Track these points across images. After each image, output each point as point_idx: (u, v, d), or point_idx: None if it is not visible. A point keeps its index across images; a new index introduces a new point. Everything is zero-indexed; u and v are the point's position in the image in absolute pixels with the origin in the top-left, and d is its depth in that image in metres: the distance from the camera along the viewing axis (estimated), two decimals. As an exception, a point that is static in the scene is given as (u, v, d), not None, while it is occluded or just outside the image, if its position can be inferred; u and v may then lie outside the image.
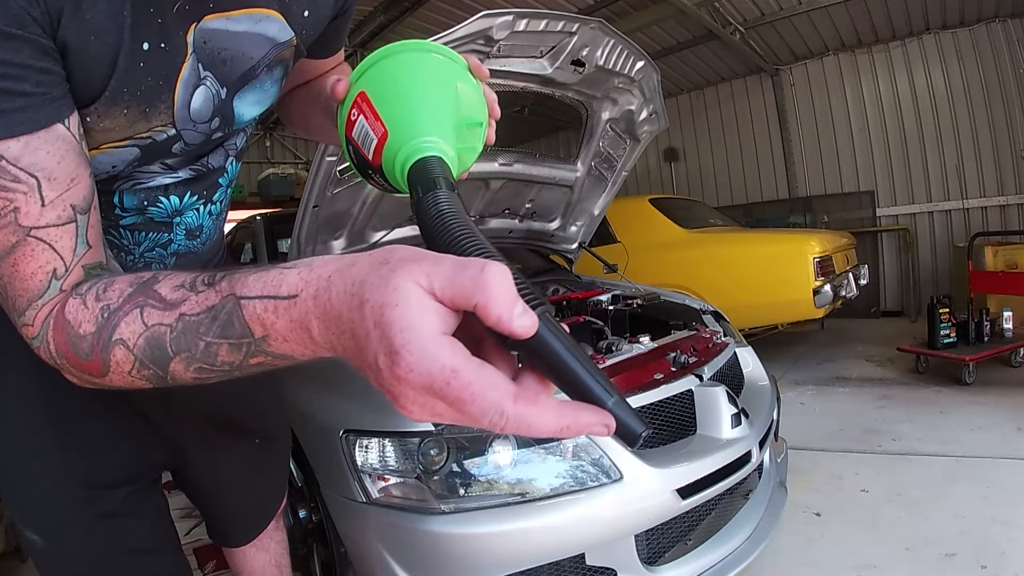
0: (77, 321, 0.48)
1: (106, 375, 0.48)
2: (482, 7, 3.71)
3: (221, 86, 0.61)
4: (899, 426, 2.88)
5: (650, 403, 1.54)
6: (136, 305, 0.46)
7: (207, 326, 0.43)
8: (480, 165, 2.17)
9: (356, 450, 1.38)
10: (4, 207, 0.47)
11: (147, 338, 0.45)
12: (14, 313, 0.51)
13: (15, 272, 0.49)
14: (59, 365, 0.51)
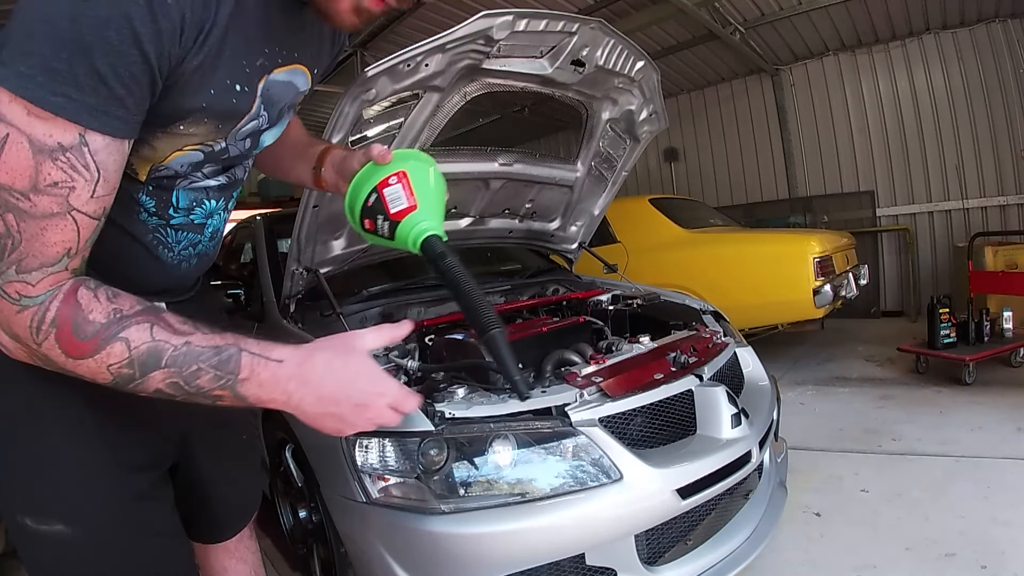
0: (88, 308, 0.59)
1: (86, 357, 0.59)
2: (482, 7, 3.71)
3: (266, 119, 0.81)
4: (899, 426, 2.88)
5: (650, 403, 1.55)
6: (148, 321, 0.61)
7: (207, 357, 0.61)
8: (480, 165, 2.17)
9: (356, 450, 1.38)
10: (65, 182, 0.57)
11: (149, 347, 0.60)
12: (11, 267, 0.57)
13: (40, 235, 0.57)
14: (37, 330, 0.59)
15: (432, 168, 0.82)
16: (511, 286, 2.59)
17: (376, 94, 1.60)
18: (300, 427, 1.62)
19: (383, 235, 0.80)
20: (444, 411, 1.35)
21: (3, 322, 0.60)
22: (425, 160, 0.82)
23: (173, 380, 0.61)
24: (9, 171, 0.55)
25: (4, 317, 0.60)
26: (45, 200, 0.56)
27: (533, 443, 1.36)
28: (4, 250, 0.57)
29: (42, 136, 0.55)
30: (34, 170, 0.56)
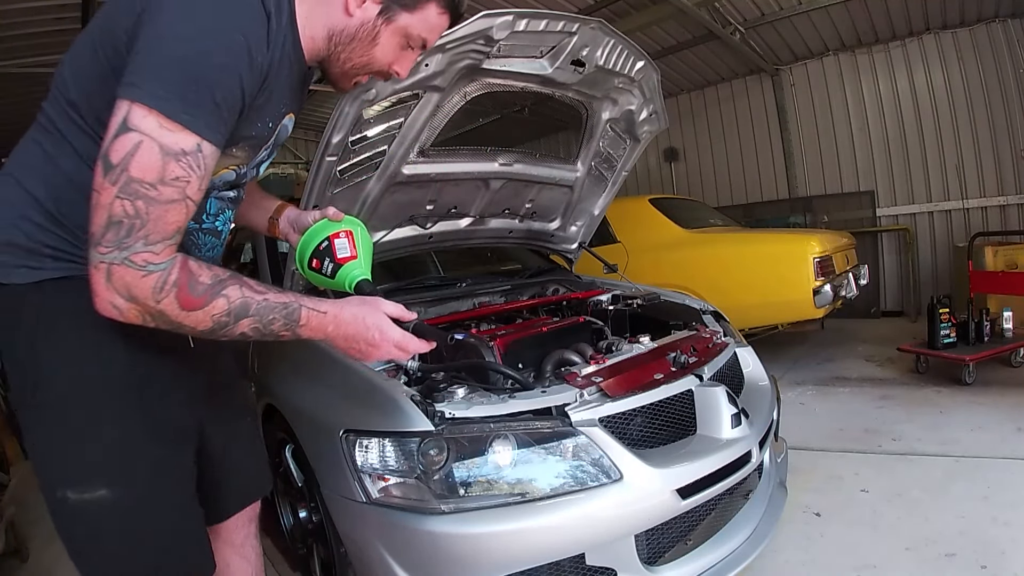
0: (198, 272, 0.82)
1: (197, 310, 0.81)
2: (482, 7, 3.71)
3: (269, 151, 1.05)
4: (899, 426, 2.88)
5: (650, 403, 1.55)
6: (237, 282, 0.84)
7: (279, 310, 0.86)
8: (480, 165, 2.17)
9: (356, 450, 1.38)
10: (183, 176, 0.78)
11: (241, 300, 0.83)
12: (139, 240, 0.76)
13: (163, 216, 0.77)
14: (160, 290, 0.78)
15: (367, 234, 1.12)
16: (511, 286, 2.59)
17: (376, 94, 1.60)
18: (300, 427, 1.62)
19: (325, 274, 1.05)
20: (444, 411, 1.35)
21: (125, 287, 0.77)
22: (365, 229, 1.12)
23: (255, 325, 0.85)
24: (140, 168, 0.74)
25: (127, 282, 0.77)
26: (168, 190, 0.77)
27: (533, 443, 1.36)
28: (133, 228, 0.75)
29: (170, 143, 0.75)
30: (161, 167, 0.76)
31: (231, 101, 0.80)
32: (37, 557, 2.37)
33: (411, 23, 0.95)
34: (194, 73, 0.75)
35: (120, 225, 0.75)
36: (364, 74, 1.01)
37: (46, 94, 0.90)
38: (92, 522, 0.89)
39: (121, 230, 0.75)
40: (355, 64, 0.98)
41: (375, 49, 0.96)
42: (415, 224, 2.27)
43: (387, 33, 0.95)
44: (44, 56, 4.04)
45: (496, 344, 1.70)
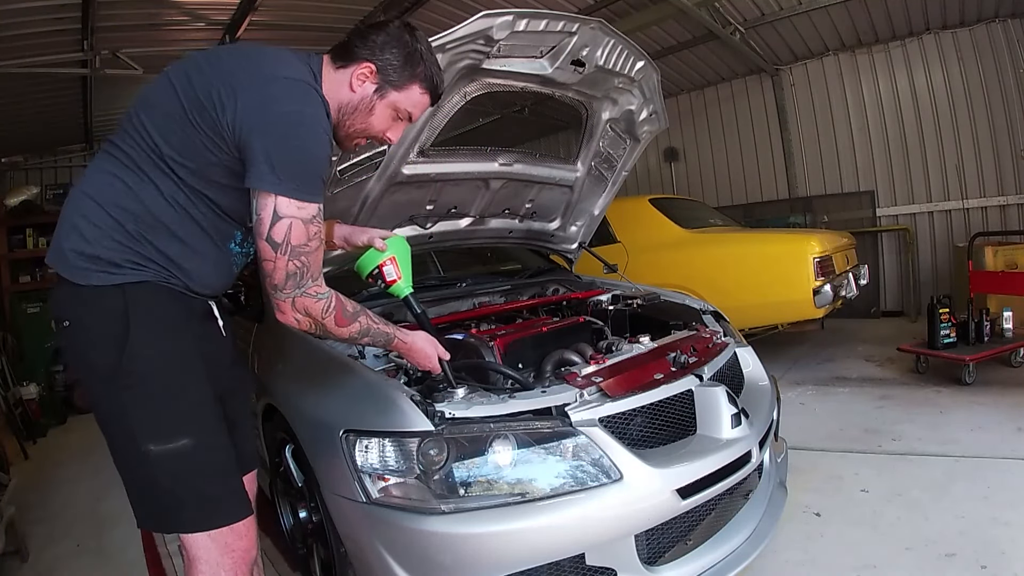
0: (346, 303, 1.25)
1: (344, 327, 1.25)
2: (482, 7, 3.70)
3: None
4: (899, 426, 2.88)
5: (650, 403, 1.54)
6: (365, 314, 1.30)
7: (384, 336, 1.35)
8: (480, 165, 2.17)
9: (356, 450, 1.38)
10: (318, 232, 1.14)
11: (367, 326, 1.30)
12: (310, 279, 1.16)
13: (316, 258, 1.16)
14: (325, 311, 1.20)
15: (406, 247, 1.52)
16: (511, 286, 2.59)
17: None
18: (300, 427, 1.62)
19: (380, 288, 1.51)
20: (444, 411, 1.35)
21: (304, 308, 1.17)
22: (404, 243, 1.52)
23: (368, 341, 1.34)
24: (297, 238, 1.11)
25: (306, 306, 1.17)
26: (314, 243, 1.14)
27: (533, 443, 1.36)
28: (303, 275, 1.14)
29: (306, 216, 1.11)
30: (307, 232, 1.12)
31: (326, 174, 1.17)
32: (37, 557, 2.37)
33: (399, 99, 1.23)
34: (311, 169, 1.11)
35: (295, 276, 1.13)
36: (362, 138, 1.27)
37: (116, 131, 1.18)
38: (171, 467, 1.13)
39: (296, 278, 1.14)
40: (356, 129, 1.25)
41: (371, 118, 1.23)
42: (415, 224, 2.27)
43: (380, 106, 1.23)
44: (44, 56, 4.03)
45: (496, 344, 1.70)
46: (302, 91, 1.11)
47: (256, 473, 1.49)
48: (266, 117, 1.06)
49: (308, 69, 1.16)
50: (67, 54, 4.11)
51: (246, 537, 1.21)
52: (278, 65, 1.13)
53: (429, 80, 1.25)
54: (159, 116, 1.12)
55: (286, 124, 1.07)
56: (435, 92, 1.27)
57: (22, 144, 6.06)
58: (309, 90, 1.12)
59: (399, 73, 1.21)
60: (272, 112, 1.07)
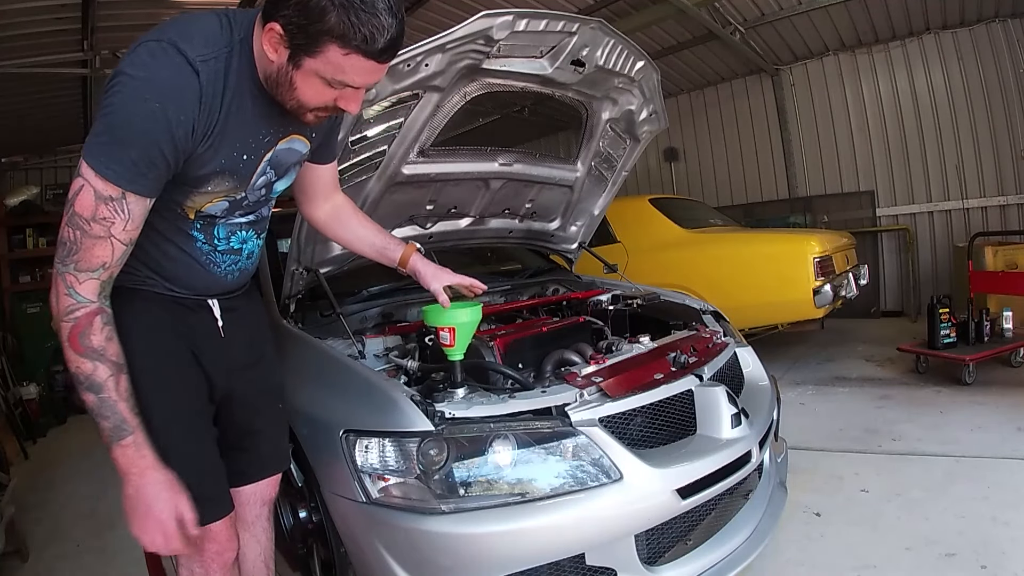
0: (93, 331, 0.97)
1: (72, 352, 0.96)
2: (482, 7, 3.70)
3: (273, 174, 1.19)
4: (899, 426, 2.88)
5: (650, 403, 1.54)
6: (113, 371, 0.98)
7: (117, 418, 0.97)
8: (480, 165, 2.17)
9: (356, 450, 1.38)
10: (109, 218, 0.96)
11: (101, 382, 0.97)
12: (72, 264, 0.96)
13: (90, 249, 0.96)
14: (67, 313, 0.96)
15: (475, 317, 1.41)
16: (511, 286, 2.59)
17: (376, 94, 1.60)
18: (300, 427, 1.62)
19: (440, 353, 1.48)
20: (444, 411, 1.35)
21: (56, 293, 0.97)
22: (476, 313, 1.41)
23: (92, 407, 0.97)
24: (80, 205, 0.94)
25: (57, 290, 0.97)
26: (96, 227, 0.95)
27: (533, 443, 1.36)
28: (71, 252, 0.96)
29: (101, 189, 0.94)
30: (94, 207, 0.94)
31: (151, 160, 0.95)
32: (37, 557, 2.37)
33: (317, 67, 0.95)
34: (118, 140, 0.93)
35: (64, 246, 0.96)
36: (310, 112, 1.04)
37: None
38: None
39: (64, 250, 0.96)
40: (291, 106, 1.03)
41: (297, 92, 1.00)
42: (415, 224, 2.27)
43: (300, 77, 0.98)
44: (44, 56, 4.03)
45: (496, 344, 1.70)
46: (146, 52, 0.93)
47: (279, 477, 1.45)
48: (108, 80, 0.95)
49: (198, 24, 0.99)
50: (67, 54, 4.11)
51: (216, 540, 1.19)
52: (155, 29, 0.97)
53: (350, 34, 0.90)
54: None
55: (114, 86, 0.93)
56: (367, 47, 0.92)
57: (22, 144, 6.05)
58: (156, 49, 0.93)
59: (305, 33, 0.92)
60: (112, 75, 0.94)
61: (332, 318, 1.87)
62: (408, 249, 1.44)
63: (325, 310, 1.97)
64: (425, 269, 1.43)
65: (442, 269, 1.44)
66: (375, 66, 0.96)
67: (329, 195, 1.43)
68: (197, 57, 0.95)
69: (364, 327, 2.05)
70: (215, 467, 1.22)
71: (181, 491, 1.01)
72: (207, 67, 0.96)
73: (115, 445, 0.96)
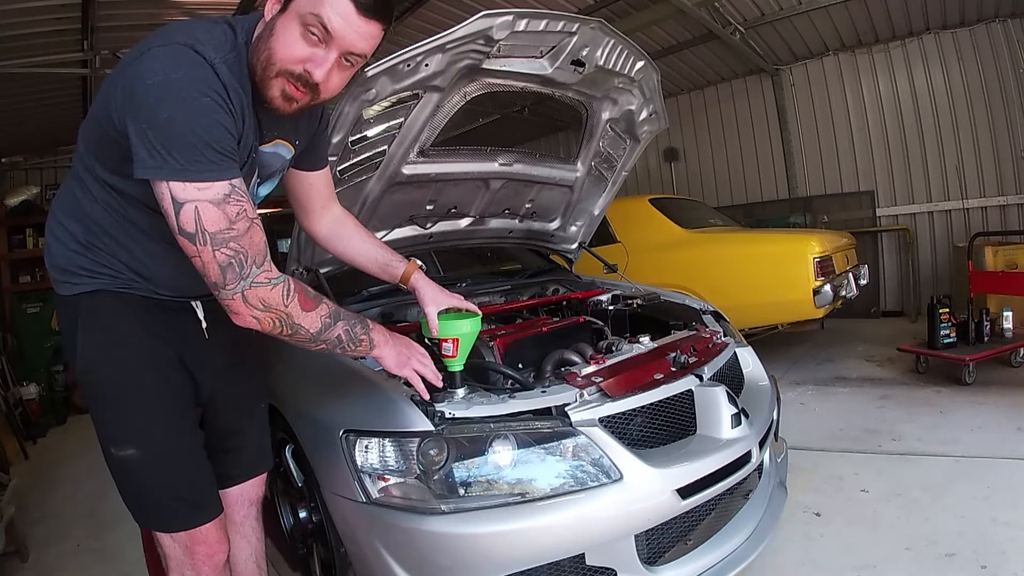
0: (304, 286, 1.09)
1: (312, 311, 1.08)
2: (482, 7, 3.70)
3: (257, 179, 1.20)
4: (899, 426, 2.88)
5: (650, 403, 1.54)
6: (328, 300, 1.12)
7: (357, 319, 1.18)
8: (480, 165, 2.17)
9: (356, 450, 1.38)
10: (241, 208, 0.97)
11: (336, 308, 1.13)
12: (252, 265, 0.99)
13: (252, 241, 0.99)
14: (286, 296, 1.03)
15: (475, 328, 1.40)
16: (511, 286, 2.59)
17: (376, 94, 1.60)
18: (300, 427, 1.62)
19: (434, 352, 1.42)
20: (444, 411, 1.35)
21: (260, 300, 1.00)
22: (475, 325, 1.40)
23: (346, 327, 1.14)
24: (211, 224, 0.95)
25: (261, 296, 1.00)
26: (240, 224, 0.97)
27: (533, 443, 1.36)
28: (244, 264, 0.98)
29: (212, 197, 0.94)
30: (223, 215, 0.95)
31: (225, 144, 0.96)
32: (37, 557, 2.37)
33: (299, 5, 0.96)
34: (192, 142, 0.92)
35: (231, 266, 0.97)
36: (277, 76, 1.00)
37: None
38: (128, 471, 1.16)
39: (234, 268, 0.97)
40: (262, 65, 1.00)
41: (272, 41, 0.98)
42: (415, 224, 2.27)
43: (281, 23, 0.98)
44: (44, 56, 4.03)
45: (496, 344, 1.70)
46: (167, 55, 0.93)
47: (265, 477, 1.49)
48: (131, 97, 0.93)
49: (204, 29, 1.00)
50: (67, 54, 4.11)
51: (205, 543, 1.21)
52: (156, 36, 0.97)
53: None
54: (87, 123, 1.08)
55: (153, 99, 0.90)
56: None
57: (22, 144, 6.05)
58: (176, 51, 0.93)
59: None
60: (135, 90, 0.92)
61: (332, 318, 1.86)
62: (410, 266, 1.45)
63: (325, 310, 1.97)
64: (425, 289, 1.42)
65: (441, 291, 1.44)
66: (356, 15, 0.95)
67: (326, 205, 1.42)
68: (212, 59, 0.97)
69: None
70: (203, 470, 1.22)
71: (409, 341, 1.32)
72: (220, 68, 0.98)
73: (371, 334, 1.21)
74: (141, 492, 1.18)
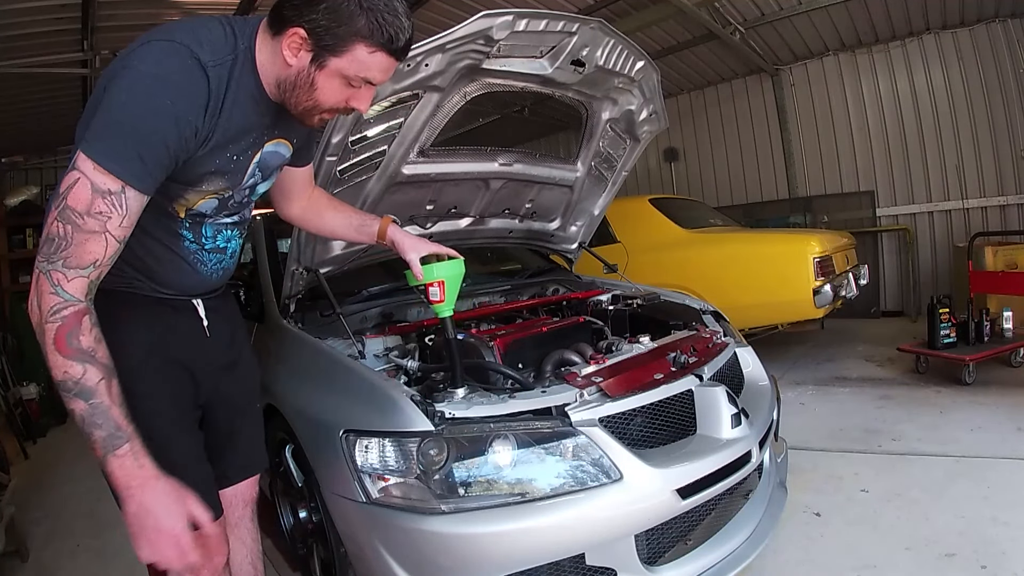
0: (82, 331, 0.89)
1: (59, 356, 0.87)
2: (482, 7, 3.70)
3: (260, 176, 1.21)
4: (899, 426, 2.88)
5: (650, 403, 1.54)
6: (105, 376, 0.89)
7: (111, 425, 0.88)
8: (480, 165, 2.17)
9: (356, 450, 1.38)
10: (106, 212, 0.91)
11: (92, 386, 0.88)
12: (61, 261, 0.89)
13: (82, 244, 0.90)
14: (52, 313, 0.88)
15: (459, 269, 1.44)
16: (511, 286, 2.59)
17: (376, 93, 1.59)
18: (300, 427, 1.62)
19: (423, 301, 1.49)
20: (444, 411, 1.35)
21: (39, 293, 0.89)
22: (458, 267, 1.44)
23: (83, 415, 0.87)
24: (75, 199, 0.90)
25: (41, 289, 0.89)
26: (92, 222, 0.90)
27: (533, 443, 1.36)
28: (59, 248, 0.89)
29: (99, 183, 0.90)
30: (90, 201, 0.90)
31: (156, 157, 0.94)
32: (37, 557, 2.37)
33: (342, 66, 1.00)
34: (124, 133, 0.91)
35: (52, 242, 0.90)
36: (321, 113, 1.08)
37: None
38: None
39: (51, 246, 0.90)
40: (305, 107, 1.06)
41: (316, 93, 1.03)
42: (415, 224, 2.27)
43: (323, 78, 1.01)
44: (44, 56, 4.03)
45: (496, 344, 1.70)
46: (162, 51, 0.93)
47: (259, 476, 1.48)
48: (116, 76, 0.93)
49: (205, 29, 1.00)
50: (67, 54, 4.11)
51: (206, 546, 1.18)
52: (159, 30, 0.97)
53: (377, 34, 0.98)
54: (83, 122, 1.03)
55: (126, 83, 0.91)
56: (391, 46, 1.01)
57: (22, 144, 6.05)
58: (174, 50, 0.94)
59: (333, 35, 0.97)
60: (120, 71, 0.93)
61: (332, 318, 1.87)
62: (384, 221, 1.46)
63: (325, 310, 1.97)
64: (403, 240, 1.43)
65: (420, 240, 1.45)
66: (393, 63, 1.05)
67: (306, 192, 1.46)
68: (208, 62, 0.96)
69: (364, 327, 2.05)
70: (204, 472, 1.21)
71: (187, 494, 0.93)
72: (215, 72, 0.98)
73: (110, 456, 0.87)
74: None
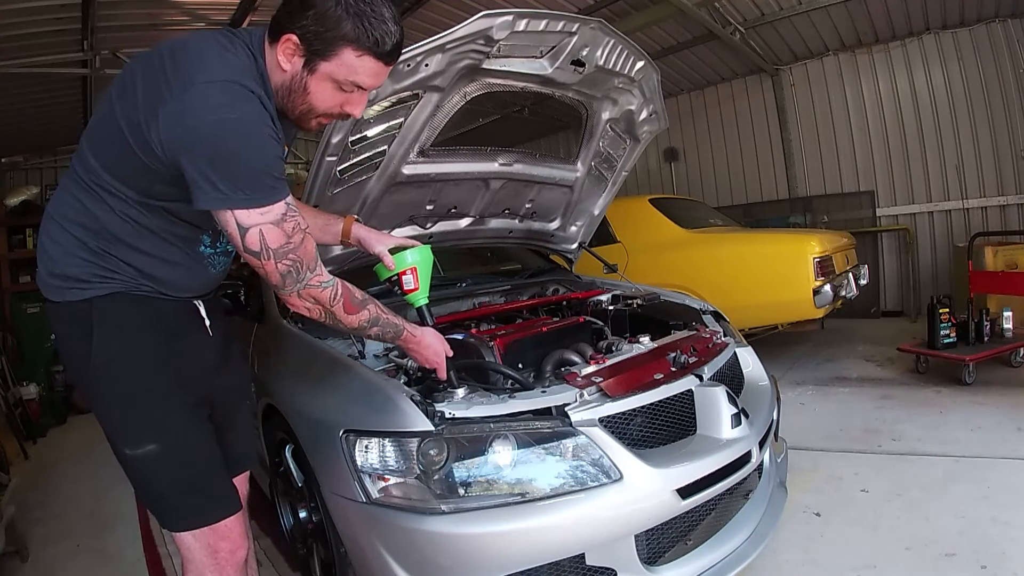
0: (353, 291, 1.25)
1: (354, 314, 1.24)
2: (482, 7, 3.70)
3: None
4: (899, 426, 2.88)
5: (650, 403, 1.55)
6: (373, 303, 1.29)
7: (394, 326, 1.34)
8: (480, 165, 2.17)
9: (356, 450, 1.38)
10: (296, 224, 1.09)
11: (376, 314, 1.29)
12: (307, 271, 1.13)
13: (306, 250, 1.12)
14: (333, 298, 1.19)
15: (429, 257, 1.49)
16: (511, 286, 2.59)
17: (376, 94, 1.60)
18: (300, 427, 1.62)
19: (397, 294, 1.51)
20: (444, 411, 1.35)
21: (312, 297, 1.16)
22: (428, 256, 1.48)
23: (377, 332, 1.31)
24: (274, 241, 1.06)
25: (313, 295, 1.16)
26: (296, 237, 1.09)
27: (533, 443, 1.36)
28: (299, 270, 1.12)
29: (273, 218, 1.05)
30: (282, 232, 1.07)
31: (279, 169, 1.07)
32: (37, 557, 2.37)
33: (331, 70, 1.05)
34: (254, 173, 1.02)
35: (290, 274, 1.11)
36: (316, 117, 1.13)
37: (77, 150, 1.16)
38: (147, 470, 1.17)
39: (292, 275, 1.11)
40: (301, 111, 1.12)
41: (310, 97, 1.09)
42: (415, 224, 2.27)
43: (314, 82, 1.07)
44: (44, 56, 4.03)
45: (496, 344, 1.70)
46: (219, 93, 0.98)
47: (249, 474, 1.52)
48: (186, 135, 0.98)
49: (237, 58, 1.05)
50: (67, 54, 4.11)
51: (229, 538, 1.22)
52: (194, 68, 1.00)
53: (363, 38, 1.01)
54: (98, 140, 1.10)
55: (210, 137, 0.97)
56: (377, 50, 1.03)
57: (22, 144, 6.05)
58: (228, 89, 0.99)
59: (322, 39, 1.01)
60: (191, 127, 0.97)
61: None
62: (347, 221, 1.52)
63: (325, 310, 1.97)
64: (368, 236, 1.50)
65: (384, 234, 1.54)
66: (382, 68, 1.08)
67: None
68: (255, 90, 1.04)
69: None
70: (220, 465, 1.25)
71: (440, 338, 1.44)
72: (264, 100, 1.05)
73: (400, 340, 1.36)
74: (162, 490, 1.19)
